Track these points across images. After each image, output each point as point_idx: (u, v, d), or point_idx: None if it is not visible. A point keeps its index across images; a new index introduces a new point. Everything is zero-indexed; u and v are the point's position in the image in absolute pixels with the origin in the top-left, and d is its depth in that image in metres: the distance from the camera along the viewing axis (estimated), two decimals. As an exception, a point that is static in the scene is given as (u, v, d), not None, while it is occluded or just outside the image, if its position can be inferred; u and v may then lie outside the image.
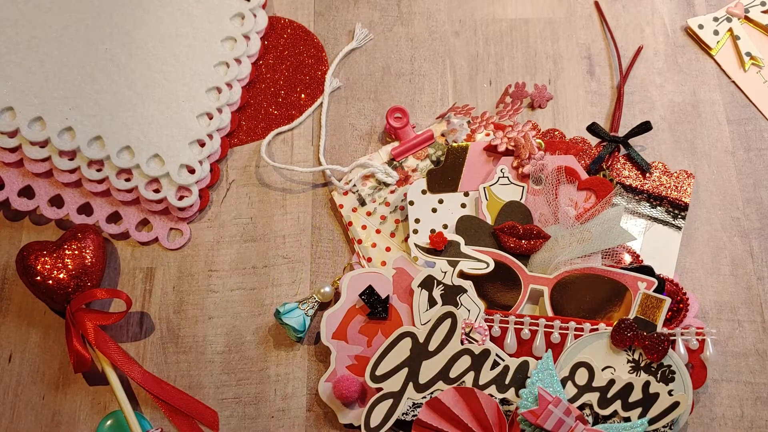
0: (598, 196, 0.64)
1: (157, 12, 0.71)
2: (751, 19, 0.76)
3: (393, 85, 0.74)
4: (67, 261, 0.62)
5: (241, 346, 0.64)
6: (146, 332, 0.64)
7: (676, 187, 0.68)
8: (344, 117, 0.72)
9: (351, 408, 0.60)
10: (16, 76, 0.67)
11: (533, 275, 0.62)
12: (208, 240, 0.67)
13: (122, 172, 0.67)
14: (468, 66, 0.74)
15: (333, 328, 0.61)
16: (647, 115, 0.72)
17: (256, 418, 0.61)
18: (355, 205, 0.67)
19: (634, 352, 0.58)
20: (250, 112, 0.73)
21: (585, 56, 0.75)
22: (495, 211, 0.64)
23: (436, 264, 0.62)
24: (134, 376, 0.60)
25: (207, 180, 0.69)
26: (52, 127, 0.66)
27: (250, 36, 0.73)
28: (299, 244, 0.67)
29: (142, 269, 0.66)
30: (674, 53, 0.75)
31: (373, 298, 0.61)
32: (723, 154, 0.71)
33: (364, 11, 0.77)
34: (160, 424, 0.61)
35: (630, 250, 0.64)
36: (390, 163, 0.69)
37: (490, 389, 0.58)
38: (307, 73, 0.74)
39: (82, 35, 0.69)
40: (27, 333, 0.64)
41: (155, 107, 0.68)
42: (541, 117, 0.72)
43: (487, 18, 0.77)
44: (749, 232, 0.67)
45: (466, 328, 0.59)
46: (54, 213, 0.67)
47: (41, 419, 0.61)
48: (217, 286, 0.66)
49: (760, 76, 0.74)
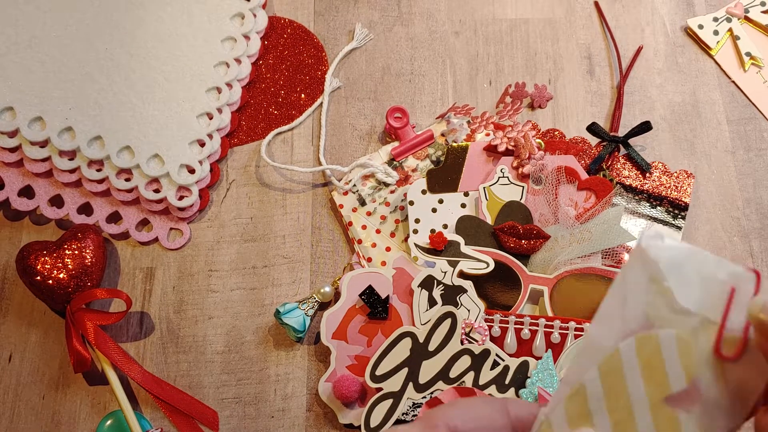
0: (598, 196, 0.64)
1: (157, 12, 0.71)
2: (751, 19, 0.76)
3: (393, 85, 0.74)
4: (67, 261, 0.62)
5: (241, 346, 0.64)
6: (146, 332, 0.64)
7: (676, 187, 0.68)
8: (344, 117, 0.72)
9: (351, 408, 0.60)
10: (16, 76, 0.67)
11: (533, 275, 0.62)
12: (208, 240, 0.67)
13: (122, 172, 0.67)
14: (468, 66, 0.74)
15: (333, 328, 0.61)
16: (647, 115, 0.72)
17: (256, 418, 0.61)
18: (355, 205, 0.67)
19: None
20: (250, 112, 0.73)
21: (585, 56, 0.75)
22: (495, 211, 0.64)
23: (436, 264, 0.62)
24: (134, 376, 0.60)
25: (207, 180, 0.69)
26: (52, 127, 0.66)
27: (250, 36, 0.73)
28: (299, 244, 0.67)
29: (142, 269, 0.66)
30: (674, 53, 0.75)
31: (373, 298, 0.61)
32: (723, 154, 0.71)
33: (364, 11, 0.77)
34: (160, 424, 0.61)
35: (630, 250, 0.64)
36: (390, 163, 0.69)
37: (490, 389, 0.58)
38: (307, 73, 0.74)
39: (82, 35, 0.69)
40: (27, 333, 0.64)
41: (155, 107, 0.68)
42: (541, 117, 0.72)
43: (487, 18, 0.77)
44: (749, 232, 0.67)
45: (466, 328, 0.59)
46: (54, 213, 0.67)
47: (41, 419, 0.61)
48: (217, 286, 0.66)
49: (760, 76, 0.74)
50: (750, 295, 0.32)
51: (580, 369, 0.34)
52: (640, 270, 0.34)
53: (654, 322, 0.33)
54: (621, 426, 0.33)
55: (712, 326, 0.32)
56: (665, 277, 0.33)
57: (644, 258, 0.33)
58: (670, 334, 0.33)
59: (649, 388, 0.33)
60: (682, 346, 0.33)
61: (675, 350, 0.33)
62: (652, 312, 0.33)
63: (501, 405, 0.35)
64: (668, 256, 0.33)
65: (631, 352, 0.33)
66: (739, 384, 0.32)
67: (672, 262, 0.33)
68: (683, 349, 0.33)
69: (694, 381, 0.32)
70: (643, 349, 0.33)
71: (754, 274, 0.33)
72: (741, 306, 0.32)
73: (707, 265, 0.33)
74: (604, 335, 0.34)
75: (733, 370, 0.32)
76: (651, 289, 0.33)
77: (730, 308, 0.32)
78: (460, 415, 0.34)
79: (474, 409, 0.35)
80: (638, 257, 0.34)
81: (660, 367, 0.33)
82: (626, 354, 0.33)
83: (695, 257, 0.33)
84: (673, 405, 0.33)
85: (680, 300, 0.33)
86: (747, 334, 0.32)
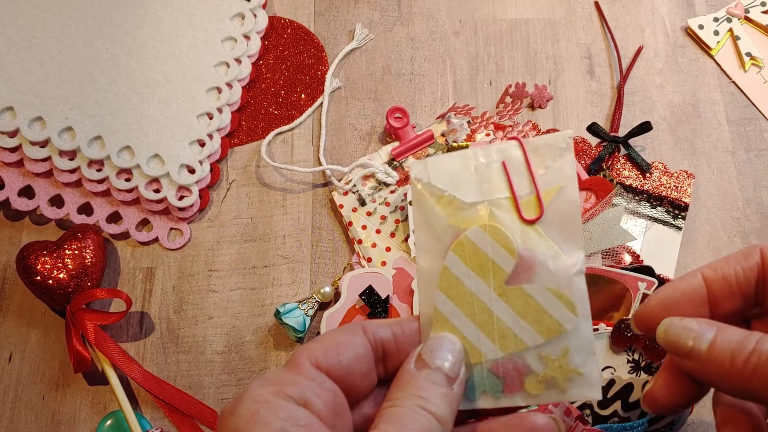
0: (598, 196, 0.64)
1: (157, 12, 0.71)
2: (751, 20, 0.76)
3: (393, 85, 0.74)
4: (67, 261, 0.62)
5: (241, 346, 0.64)
6: (146, 332, 0.64)
7: (676, 187, 0.68)
8: (344, 117, 0.72)
9: (351, 408, 0.60)
10: (16, 76, 0.67)
11: (533, 275, 0.62)
12: (208, 240, 0.67)
13: (122, 172, 0.67)
14: (468, 66, 0.74)
15: (333, 328, 0.61)
16: (647, 115, 0.72)
17: (256, 418, 0.61)
18: (355, 205, 0.67)
19: (634, 352, 0.58)
20: (250, 112, 0.73)
21: (585, 56, 0.75)
22: (495, 211, 0.64)
23: (436, 264, 0.62)
24: (134, 376, 0.60)
25: (207, 180, 0.69)
26: (52, 127, 0.66)
27: (250, 36, 0.73)
28: (299, 244, 0.67)
29: (142, 269, 0.66)
30: (674, 53, 0.75)
31: (373, 298, 0.61)
32: (723, 154, 0.71)
33: (364, 11, 0.77)
34: (160, 424, 0.61)
35: (630, 250, 0.64)
36: (390, 163, 0.69)
37: (490, 389, 0.58)
38: (307, 73, 0.74)
39: (82, 35, 0.69)
40: (27, 333, 0.64)
41: (155, 107, 0.68)
42: (541, 117, 0.72)
43: (487, 18, 0.77)
44: (749, 232, 0.67)
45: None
46: (54, 213, 0.67)
47: (41, 419, 0.61)
48: (217, 286, 0.66)
49: (760, 77, 0.74)
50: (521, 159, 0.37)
51: (427, 299, 0.37)
52: (424, 194, 0.38)
53: (459, 226, 0.37)
54: (484, 325, 0.36)
55: (504, 202, 0.36)
56: (442, 188, 0.38)
57: (421, 183, 0.38)
58: (475, 229, 0.37)
59: (487, 280, 0.36)
60: (491, 231, 0.36)
61: (487, 239, 0.36)
62: (453, 221, 0.37)
63: (357, 327, 0.36)
64: (435, 171, 0.38)
65: (456, 261, 0.36)
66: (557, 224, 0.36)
67: (441, 174, 0.38)
68: (494, 234, 0.36)
69: (518, 253, 0.36)
70: (463, 253, 0.37)
71: (516, 141, 0.37)
72: (519, 173, 0.37)
73: (473, 159, 0.38)
74: (429, 262, 0.37)
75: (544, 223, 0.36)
76: (441, 203, 0.37)
77: (511, 179, 0.37)
78: (321, 349, 0.35)
79: (333, 338, 0.35)
80: (416, 188, 0.38)
81: (485, 260, 0.36)
82: (453, 265, 0.37)
83: (459, 159, 0.38)
84: (516, 282, 0.36)
85: (466, 198, 0.37)
86: (539, 193, 0.36)
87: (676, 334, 0.36)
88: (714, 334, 0.35)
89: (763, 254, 0.37)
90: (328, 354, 0.34)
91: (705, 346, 0.34)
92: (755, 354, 0.33)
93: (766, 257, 0.37)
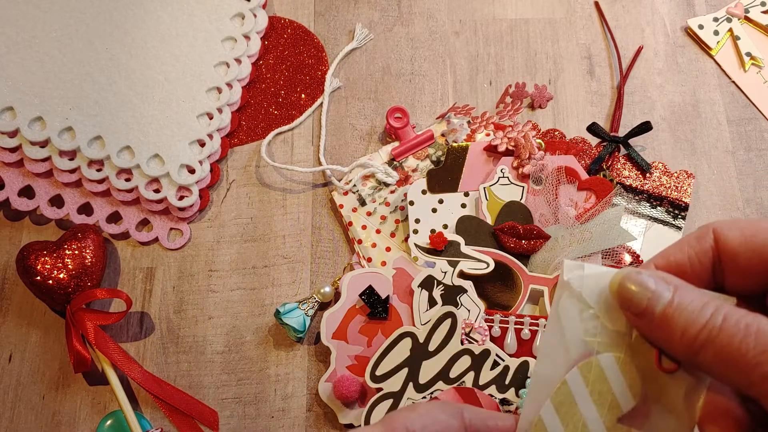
0: (598, 196, 0.64)
1: (157, 12, 0.71)
2: (751, 20, 0.76)
3: (393, 85, 0.74)
4: (67, 261, 0.62)
5: (241, 346, 0.64)
6: (146, 332, 0.64)
7: (676, 187, 0.68)
8: (344, 117, 0.72)
9: (351, 408, 0.60)
10: (16, 76, 0.67)
11: (533, 275, 0.62)
12: (208, 240, 0.67)
13: (122, 172, 0.67)
14: (468, 66, 0.74)
15: (333, 328, 0.61)
16: (647, 115, 0.72)
17: (256, 418, 0.61)
18: (355, 205, 0.67)
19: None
20: (250, 112, 0.73)
21: (585, 56, 0.75)
22: (495, 211, 0.64)
23: (436, 264, 0.62)
24: (134, 376, 0.60)
25: (207, 180, 0.69)
26: (52, 127, 0.66)
27: (250, 36, 0.73)
28: (299, 244, 0.67)
29: (142, 269, 0.66)
30: (674, 53, 0.75)
31: (373, 298, 0.61)
32: (723, 154, 0.71)
33: (364, 11, 0.77)
34: (160, 424, 0.61)
35: (630, 250, 0.64)
36: (390, 163, 0.69)
37: (490, 389, 0.58)
38: (307, 73, 0.74)
39: (82, 35, 0.69)
40: (27, 333, 0.64)
41: (155, 107, 0.68)
42: (541, 117, 0.72)
43: (487, 18, 0.77)
44: (749, 232, 0.67)
45: (466, 329, 0.59)
46: (54, 213, 0.67)
47: (41, 419, 0.61)
48: (217, 286, 0.66)
49: (760, 77, 0.74)
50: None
51: (535, 404, 0.35)
52: (569, 302, 0.35)
53: (593, 347, 0.35)
54: None
55: (645, 345, 0.34)
56: (590, 304, 0.35)
57: (570, 290, 0.35)
58: (609, 357, 0.34)
59: (601, 411, 0.34)
60: (623, 366, 0.34)
61: (617, 371, 0.34)
62: (589, 338, 0.35)
63: (457, 411, 0.37)
64: (589, 284, 0.35)
65: (578, 381, 0.35)
66: (685, 391, 0.34)
67: (594, 289, 0.35)
68: (624, 369, 0.34)
69: (641, 397, 0.34)
70: (588, 375, 0.35)
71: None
72: None
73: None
74: (549, 369, 0.35)
75: (676, 379, 0.34)
76: (583, 317, 0.35)
77: None
78: (418, 420, 0.36)
79: (431, 414, 0.36)
80: (565, 290, 0.35)
81: (607, 390, 0.34)
82: (574, 383, 0.35)
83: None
84: (628, 423, 0.34)
85: (609, 323, 0.35)
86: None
87: (631, 291, 0.33)
88: (670, 297, 0.32)
89: (716, 235, 0.35)
90: (425, 427, 0.35)
91: (659, 309, 0.32)
92: (705, 329, 0.31)
93: (720, 238, 0.35)
